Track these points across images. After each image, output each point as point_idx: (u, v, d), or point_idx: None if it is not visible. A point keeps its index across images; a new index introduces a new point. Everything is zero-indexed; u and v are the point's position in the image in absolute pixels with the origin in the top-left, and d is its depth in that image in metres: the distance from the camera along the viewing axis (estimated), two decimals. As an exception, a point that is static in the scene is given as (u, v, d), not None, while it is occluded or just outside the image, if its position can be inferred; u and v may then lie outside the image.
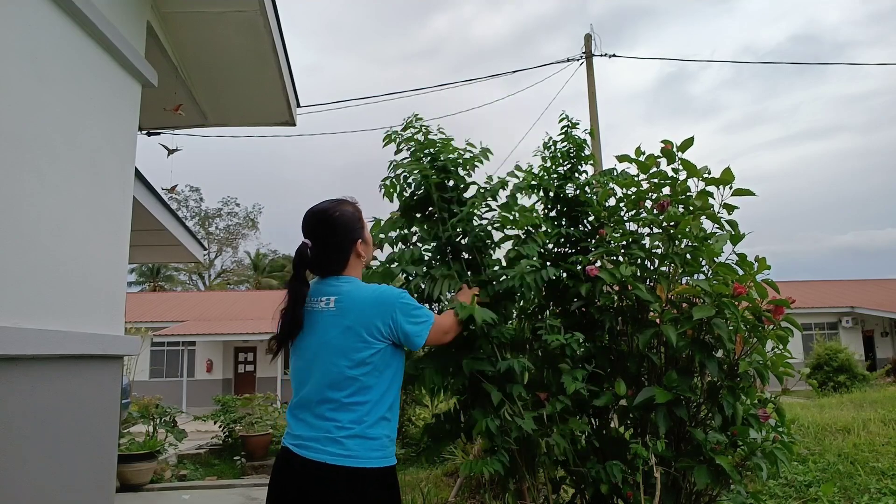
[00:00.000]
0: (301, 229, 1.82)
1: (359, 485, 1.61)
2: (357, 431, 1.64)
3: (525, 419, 2.28)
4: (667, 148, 2.56)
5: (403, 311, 1.75)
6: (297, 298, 1.75)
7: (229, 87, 3.83)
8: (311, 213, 1.82)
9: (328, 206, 1.82)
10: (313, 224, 1.80)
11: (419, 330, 1.78)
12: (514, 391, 2.35)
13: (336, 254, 1.79)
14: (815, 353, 15.22)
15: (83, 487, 2.21)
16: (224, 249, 39.44)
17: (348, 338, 1.68)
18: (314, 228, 1.80)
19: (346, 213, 1.82)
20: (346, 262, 1.81)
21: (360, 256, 1.83)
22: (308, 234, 1.80)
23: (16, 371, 1.85)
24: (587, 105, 11.22)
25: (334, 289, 1.75)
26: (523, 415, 2.31)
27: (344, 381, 1.66)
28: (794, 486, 4.22)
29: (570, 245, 2.90)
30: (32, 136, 1.96)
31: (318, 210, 1.82)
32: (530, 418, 2.29)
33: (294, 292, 1.75)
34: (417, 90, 22.03)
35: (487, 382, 2.34)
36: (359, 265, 1.85)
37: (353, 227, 1.82)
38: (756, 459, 2.36)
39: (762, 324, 2.34)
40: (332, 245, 1.78)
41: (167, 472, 6.99)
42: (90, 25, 2.22)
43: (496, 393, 2.30)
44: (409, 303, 1.78)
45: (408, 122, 2.68)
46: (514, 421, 2.28)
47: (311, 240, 1.78)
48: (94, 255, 2.31)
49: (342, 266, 1.80)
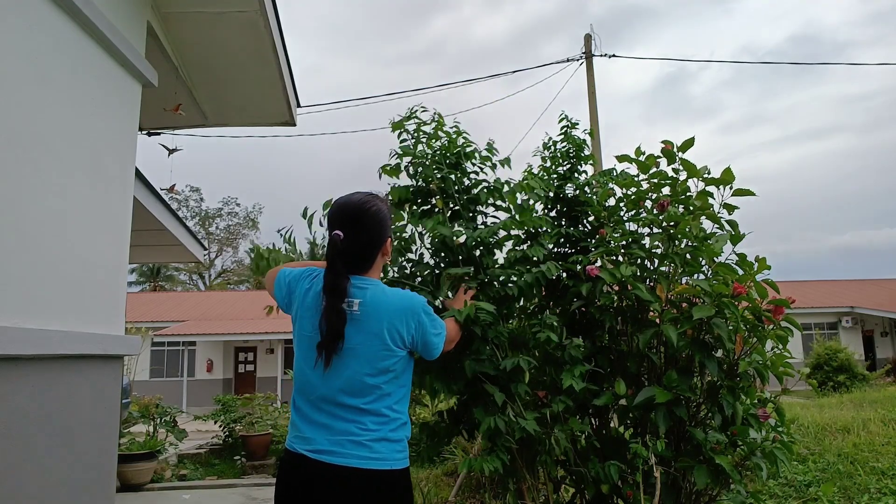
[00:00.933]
0: (330, 219, 1.70)
1: (386, 487, 1.58)
2: (382, 434, 1.59)
3: (528, 419, 2.28)
4: (667, 148, 2.56)
5: (428, 319, 1.70)
6: (339, 294, 1.60)
7: (229, 88, 3.83)
8: (344, 205, 1.70)
9: (365, 198, 1.70)
10: (346, 217, 1.67)
11: (438, 342, 1.75)
12: (519, 390, 2.35)
13: (368, 250, 1.69)
14: (815, 352, 15.23)
15: (83, 487, 2.21)
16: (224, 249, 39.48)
17: (373, 345, 1.60)
18: (347, 222, 1.66)
19: (381, 210, 1.71)
20: (374, 261, 1.71)
21: (385, 255, 1.75)
22: (339, 225, 1.66)
23: (16, 371, 1.85)
24: (587, 105, 11.22)
25: (358, 291, 1.64)
26: (525, 415, 2.32)
27: (365, 388, 1.59)
28: (794, 486, 4.23)
29: (570, 245, 2.91)
30: (33, 136, 1.96)
31: (355, 202, 1.70)
32: (533, 418, 2.29)
33: (336, 288, 1.60)
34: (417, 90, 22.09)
35: (490, 383, 2.34)
36: (381, 265, 1.77)
37: (386, 225, 1.72)
38: (756, 459, 2.36)
39: (762, 324, 2.34)
40: (365, 241, 1.67)
41: (167, 471, 6.99)
42: (90, 25, 2.23)
43: (499, 394, 2.30)
44: (431, 311, 1.72)
45: (411, 112, 2.66)
46: (517, 421, 2.28)
47: (344, 232, 1.64)
48: (95, 255, 2.31)
49: (370, 264, 1.70)
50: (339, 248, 1.63)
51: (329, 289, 1.60)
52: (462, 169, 2.62)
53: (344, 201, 1.71)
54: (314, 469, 1.56)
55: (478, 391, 2.42)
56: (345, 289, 1.61)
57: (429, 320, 1.70)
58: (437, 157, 2.58)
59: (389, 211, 1.77)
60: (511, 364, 2.29)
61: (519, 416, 2.30)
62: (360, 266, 1.68)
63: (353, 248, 1.65)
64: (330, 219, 1.70)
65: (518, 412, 2.33)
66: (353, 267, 1.66)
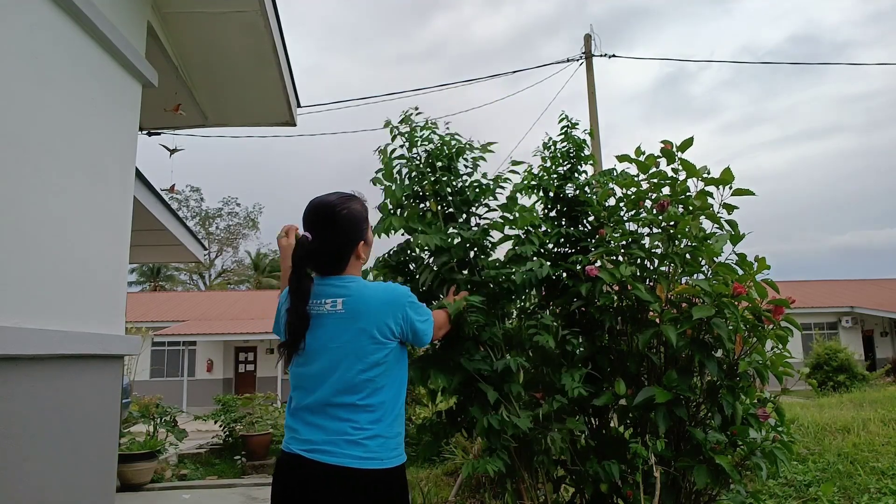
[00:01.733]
0: (302, 220, 1.70)
1: (382, 486, 1.58)
2: (376, 431, 1.60)
3: (521, 418, 2.28)
4: (666, 148, 2.57)
5: (413, 308, 1.71)
6: (301, 296, 1.62)
7: (230, 88, 3.83)
8: (317, 206, 1.69)
9: (336, 201, 1.70)
10: (317, 218, 1.68)
11: (426, 328, 1.76)
12: (513, 390, 2.35)
13: (336, 253, 1.68)
14: (815, 352, 15.22)
15: (84, 487, 2.21)
16: (224, 249, 39.48)
17: (361, 340, 1.61)
18: (317, 223, 1.67)
19: (353, 212, 1.70)
20: (346, 264, 1.70)
21: (359, 258, 1.74)
22: (309, 227, 1.67)
23: (16, 371, 1.86)
24: (587, 105, 11.23)
25: (340, 290, 1.65)
26: (519, 413, 2.32)
27: (359, 384, 1.60)
28: (794, 486, 4.23)
29: (569, 245, 2.91)
30: (33, 137, 1.96)
31: (324, 204, 1.69)
32: (527, 417, 2.30)
33: (299, 289, 1.62)
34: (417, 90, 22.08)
35: (483, 382, 2.34)
36: (358, 265, 1.76)
37: (359, 228, 1.72)
38: (756, 459, 2.36)
39: (762, 323, 2.35)
40: (333, 244, 1.67)
41: (167, 471, 6.99)
42: (91, 26, 2.23)
43: (492, 392, 2.31)
44: (415, 301, 1.74)
45: (406, 115, 2.66)
46: (510, 420, 2.29)
47: (313, 234, 1.65)
48: (95, 255, 2.31)
49: (342, 267, 1.70)
50: (307, 249, 1.64)
51: (293, 290, 1.63)
52: (455, 171, 2.61)
53: (318, 202, 1.71)
54: (310, 469, 1.57)
55: (473, 390, 2.43)
56: (307, 290, 1.63)
57: (413, 310, 1.71)
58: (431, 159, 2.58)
59: (366, 211, 1.78)
60: (502, 365, 2.30)
61: (512, 415, 2.30)
62: (333, 267, 1.70)
63: (324, 250, 1.67)
64: (303, 219, 1.71)
65: (512, 411, 2.33)
66: (327, 267, 1.69)
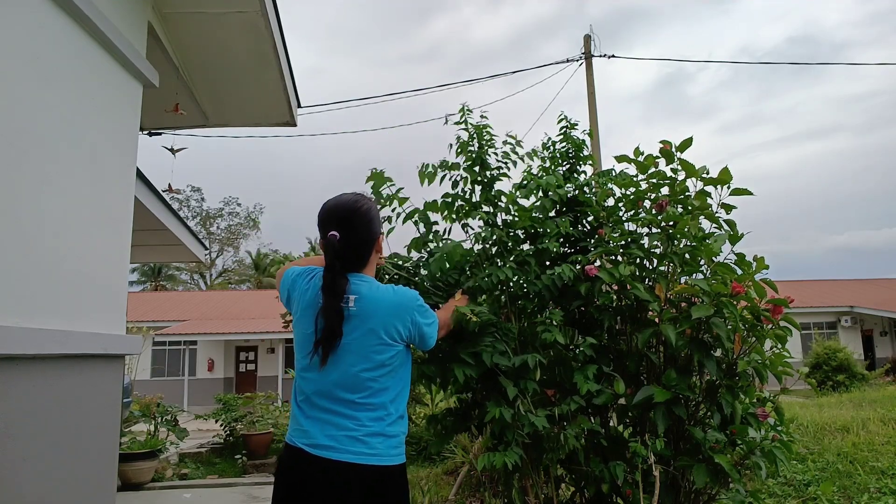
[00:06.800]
0: (322, 221, 1.72)
1: (384, 483, 1.61)
2: (378, 429, 1.62)
3: (538, 416, 2.28)
4: (665, 148, 2.57)
5: (421, 313, 1.74)
6: (338, 293, 1.64)
7: (230, 88, 3.84)
8: (336, 205, 1.73)
9: (355, 198, 1.75)
10: (340, 217, 1.70)
11: (432, 332, 1.79)
12: (529, 387, 2.36)
13: (363, 248, 1.73)
14: (814, 352, 15.23)
15: (84, 486, 2.22)
16: (225, 249, 39.47)
17: (369, 340, 1.64)
18: (342, 221, 1.69)
19: (371, 208, 1.76)
20: (368, 258, 1.75)
21: (378, 252, 1.80)
22: (334, 226, 1.68)
23: (17, 370, 1.86)
24: (586, 105, 11.23)
25: (354, 288, 1.68)
26: (535, 411, 2.32)
27: (361, 383, 1.63)
28: (793, 485, 4.23)
29: (569, 245, 2.91)
30: (34, 136, 1.97)
31: (344, 202, 1.73)
32: (543, 415, 2.30)
33: (334, 287, 1.63)
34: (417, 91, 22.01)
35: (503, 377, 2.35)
36: (375, 262, 1.81)
37: (378, 222, 1.78)
38: (755, 458, 2.36)
39: (761, 323, 2.35)
40: (359, 240, 1.71)
41: (168, 470, 7.00)
42: (91, 26, 2.23)
43: (512, 388, 2.31)
44: (423, 305, 1.77)
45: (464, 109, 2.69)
46: (527, 416, 2.29)
47: (339, 231, 1.67)
48: (96, 255, 2.32)
49: (365, 262, 1.75)
50: (337, 248, 1.66)
51: (328, 288, 1.64)
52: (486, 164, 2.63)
53: (334, 203, 1.74)
54: (312, 464, 1.59)
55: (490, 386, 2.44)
56: (343, 288, 1.65)
57: (421, 314, 1.75)
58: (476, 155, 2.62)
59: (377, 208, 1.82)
60: (520, 361, 2.31)
61: (529, 412, 2.31)
62: (356, 264, 1.73)
63: (348, 247, 1.69)
64: (322, 221, 1.73)
65: (528, 408, 2.33)
66: (350, 265, 1.71)
